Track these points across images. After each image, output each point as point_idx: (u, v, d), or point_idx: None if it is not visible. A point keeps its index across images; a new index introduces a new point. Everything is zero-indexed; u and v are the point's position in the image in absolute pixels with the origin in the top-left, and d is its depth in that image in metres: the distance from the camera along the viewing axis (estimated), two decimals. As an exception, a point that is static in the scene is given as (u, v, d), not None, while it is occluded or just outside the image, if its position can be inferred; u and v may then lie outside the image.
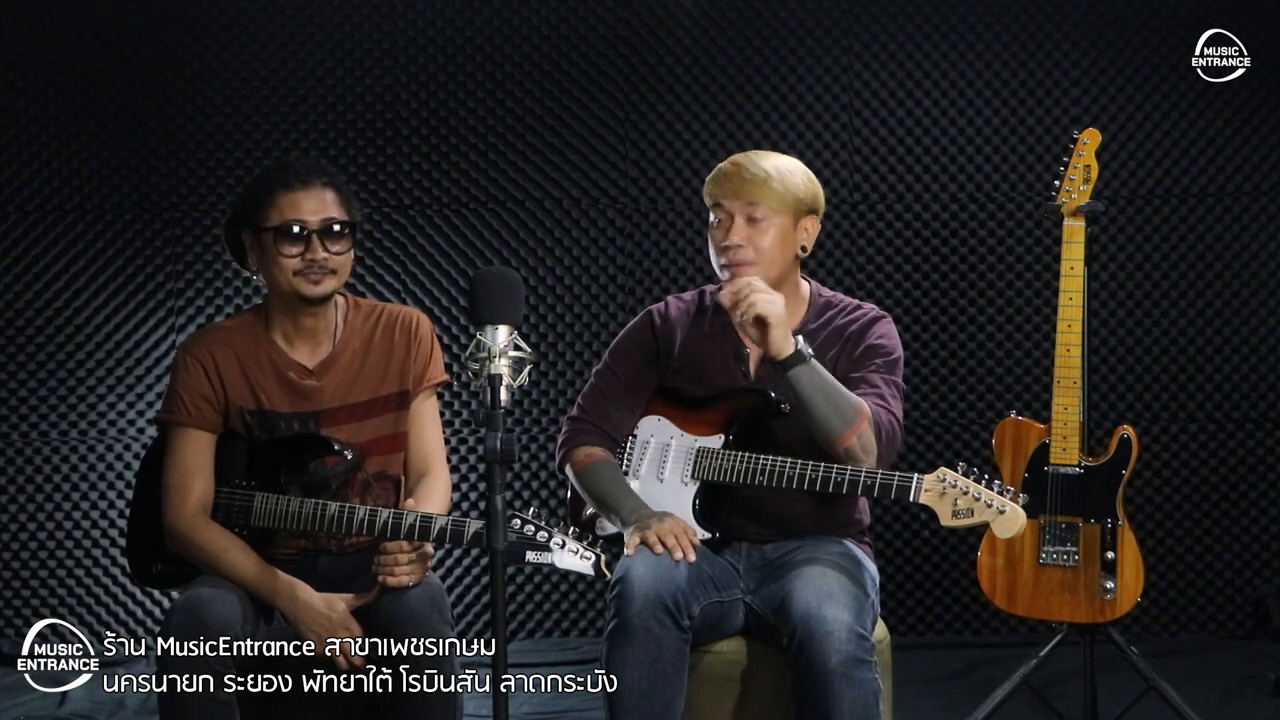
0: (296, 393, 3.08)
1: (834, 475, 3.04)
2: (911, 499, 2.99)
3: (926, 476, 2.98)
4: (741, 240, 3.14)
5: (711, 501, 3.20)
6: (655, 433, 3.27)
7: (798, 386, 3.02)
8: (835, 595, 2.94)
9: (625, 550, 3.03)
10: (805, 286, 3.29)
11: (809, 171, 3.23)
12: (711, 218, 3.20)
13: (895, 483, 3.00)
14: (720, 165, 3.23)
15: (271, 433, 3.07)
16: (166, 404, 3.10)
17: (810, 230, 3.21)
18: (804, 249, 3.21)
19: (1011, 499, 2.95)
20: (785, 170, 3.18)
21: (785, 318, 3.02)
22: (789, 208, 3.15)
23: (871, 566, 3.23)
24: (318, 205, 3.02)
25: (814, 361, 3.03)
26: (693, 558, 3.02)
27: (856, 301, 3.29)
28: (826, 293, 3.30)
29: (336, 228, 3.03)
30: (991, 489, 2.96)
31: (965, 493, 2.95)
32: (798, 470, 3.06)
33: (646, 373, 3.29)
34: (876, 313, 3.25)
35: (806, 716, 2.91)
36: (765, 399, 3.16)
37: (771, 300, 3.01)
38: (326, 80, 4.86)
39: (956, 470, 2.98)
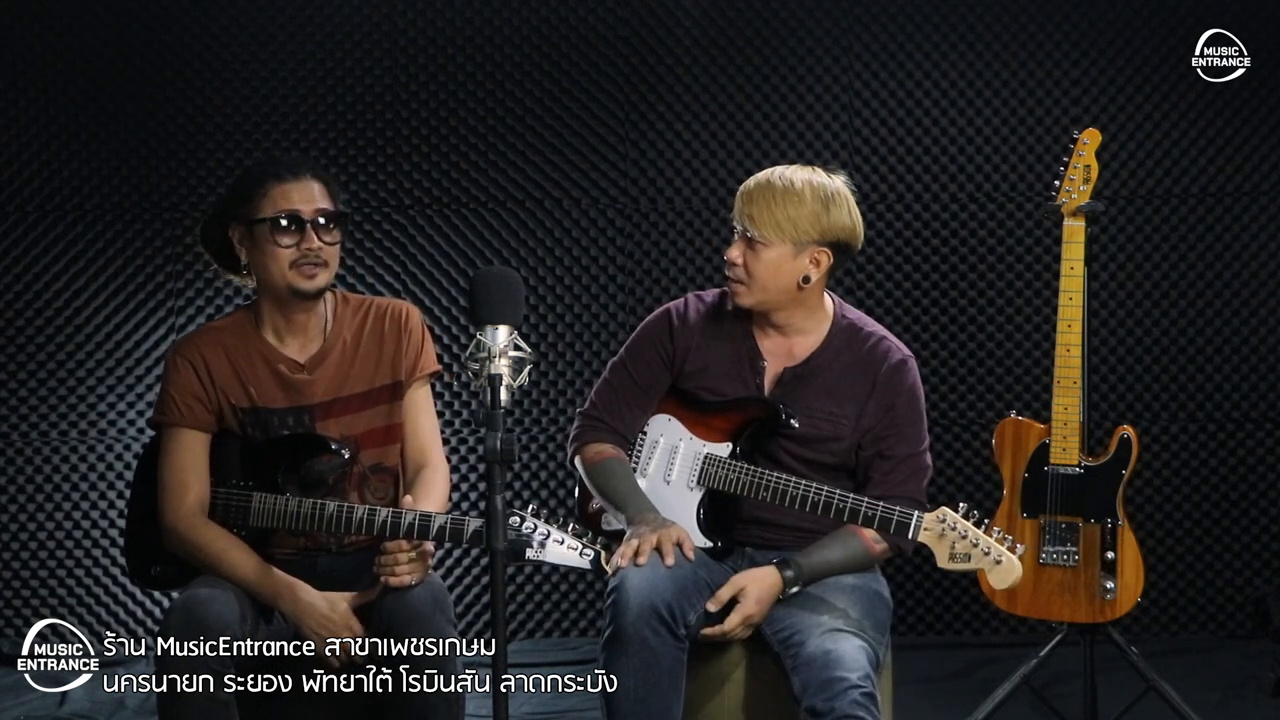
0: (289, 387, 3.08)
1: (835, 501, 3.04)
2: (910, 536, 2.99)
3: (926, 515, 2.97)
4: (736, 259, 3.13)
5: (716, 510, 3.20)
6: (665, 433, 3.27)
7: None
8: (845, 638, 2.96)
9: (617, 556, 3.03)
10: (829, 306, 3.23)
11: (835, 202, 3.12)
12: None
13: (895, 518, 3.00)
14: (752, 177, 3.18)
15: (265, 430, 3.07)
16: (159, 406, 3.10)
17: (821, 262, 3.12)
18: (806, 279, 3.13)
19: (1009, 548, 2.93)
20: (798, 198, 3.09)
21: (763, 610, 3.04)
22: (787, 237, 3.09)
23: (884, 587, 3.22)
24: (309, 195, 3.03)
25: (806, 570, 3.08)
26: (670, 561, 3.01)
27: (881, 331, 3.24)
28: (851, 313, 3.26)
29: (329, 218, 3.04)
30: (990, 535, 2.94)
31: (964, 537, 2.94)
32: (800, 490, 3.06)
33: (660, 374, 3.28)
34: (902, 353, 3.21)
35: None
36: (775, 413, 3.16)
37: (749, 626, 3.04)
38: (326, 80, 4.85)
39: (957, 510, 2.96)
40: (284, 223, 3.00)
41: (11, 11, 4.78)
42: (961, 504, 2.98)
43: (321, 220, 3.03)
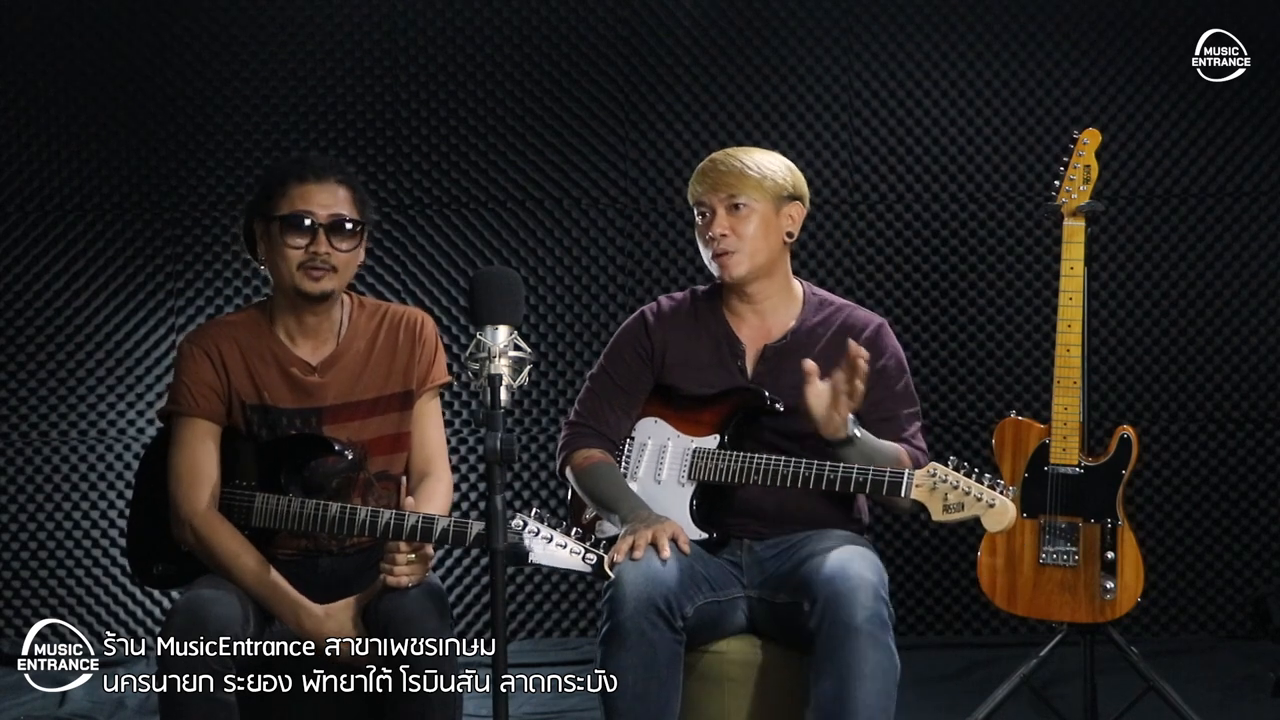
0: (299, 389, 3.08)
1: (827, 473, 3.06)
2: (903, 494, 3.02)
3: (917, 472, 3.01)
4: (724, 230, 3.19)
5: (709, 502, 3.20)
6: (653, 434, 3.28)
7: (845, 459, 3.09)
8: (857, 559, 3.00)
9: (613, 553, 3.02)
10: (798, 287, 3.32)
11: (788, 162, 3.28)
12: (696, 216, 3.26)
13: (886, 479, 3.03)
14: (699, 165, 3.27)
15: (273, 429, 3.07)
16: (172, 395, 3.08)
17: (795, 217, 3.26)
18: (790, 235, 3.25)
19: (1001, 492, 2.97)
20: (761, 160, 3.23)
21: (831, 409, 3.06)
22: (768, 195, 3.20)
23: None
24: (329, 200, 3.03)
25: (862, 438, 3.09)
26: (666, 554, 3.02)
27: (850, 303, 3.33)
28: (820, 291, 3.35)
29: (346, 225, 3.03)
30: (981, 483, 2.98)
31: (955, 487, 2.98)
32: (791, 468, 3.09)
33: (641, 373, 3.30)
34: (877, 320, 3.30)
35: (829, 674, 2.90)
36: (760, 398, 3.18)
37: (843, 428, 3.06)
38: (326, 80, 4.86)
39: (948, 465, 3.00)
40: (293, 223, 3.01)
41: (11, 12, 4.78)
42: (951, 458, 3.03)
43: (336, 226, 3.02)
